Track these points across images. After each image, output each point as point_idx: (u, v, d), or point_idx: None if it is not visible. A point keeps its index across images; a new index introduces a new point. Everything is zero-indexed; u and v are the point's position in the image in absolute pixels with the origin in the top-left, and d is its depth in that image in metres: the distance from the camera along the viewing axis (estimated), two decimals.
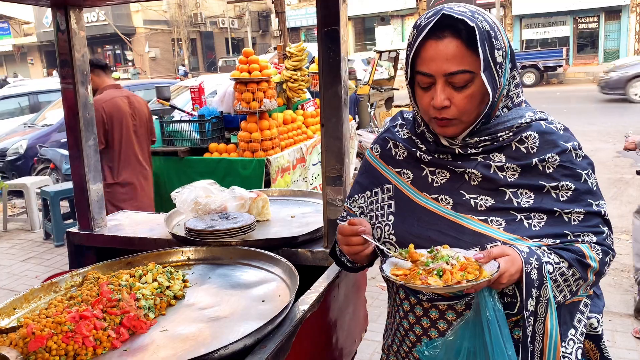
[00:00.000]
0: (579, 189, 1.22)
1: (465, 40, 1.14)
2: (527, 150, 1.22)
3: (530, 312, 1.16)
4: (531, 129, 1.23)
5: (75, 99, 2.08)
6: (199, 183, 2.13)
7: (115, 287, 1.50)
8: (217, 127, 5.04)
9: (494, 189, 1.22)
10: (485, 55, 1.14)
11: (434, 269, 1.11)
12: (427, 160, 1.29)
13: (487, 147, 1.23)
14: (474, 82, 1.16)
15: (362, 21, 30.87)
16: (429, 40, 1.16)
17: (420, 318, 1.28)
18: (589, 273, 1.21)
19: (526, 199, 1.20)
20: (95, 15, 30.47)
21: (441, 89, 1.16)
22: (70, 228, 2.25)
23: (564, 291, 1.20)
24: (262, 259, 1.72)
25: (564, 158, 1.22)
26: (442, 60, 1.14)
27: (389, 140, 1.38)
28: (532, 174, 1.21)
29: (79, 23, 2.05)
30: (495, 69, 1.16)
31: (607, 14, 25.06)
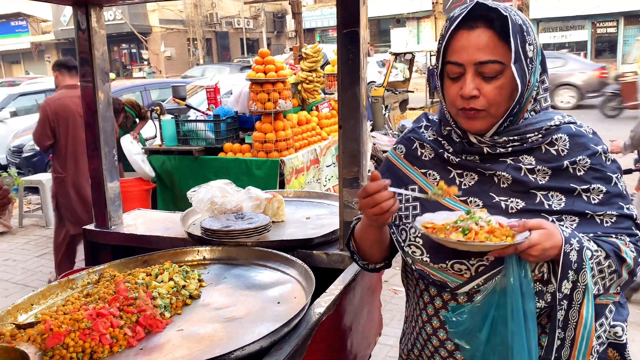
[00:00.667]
0: (610, 191, 1.21)
1: (498, 31, 1.15)
2: (557, 153, 1.22)
3: (564, 295, 1.14)
4: (561, 132, 1.23)
5: (95, 97, 2.09)
6: (215, 183, 2.13)
7: (131, 285, 1.51)
8: (232, 127, 5.05)
9: (524, 192, 1.21)
10: (517, 46, 1.14)
11: (460, 227, 1.11)
12: (455, 162, 1.27)
13: (516, 148, 1.22)
14: (503, 74, 1.16)
15: (377, 23, 30.79)
16: (460, 30, 1.17)
17: (444, 323, 1.26)
18: (624, 269, 1.19)
19: (557, 202, 1.20)
20: (112, 14, 30.71)
21: (471, 78, 1.16)
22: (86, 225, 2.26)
23: (598, 284, 1.18)
24: (277, 260, 1.71)
25: (595, 161, 1.21)
26: (474, 50, 1.15)
27: (415, 141, 1.37)
28: (562, 176, 1.21)
29: (99, 22, 2.06)
30: (526, 63, 1.16)
31: (627, 18, 24.75)
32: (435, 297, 1.28)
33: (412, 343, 1.37)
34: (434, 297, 1.28)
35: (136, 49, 34.08)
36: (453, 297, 1.24)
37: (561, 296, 1.14)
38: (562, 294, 1.14)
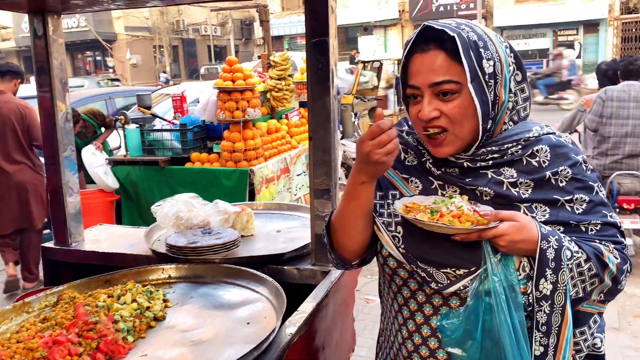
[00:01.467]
0: (593, 200, 1.21)
1: (450, 51, 1.14)
2: (538, 164, 1.21)
3: (543, 296, 1.13)
4: (541, 143, 1.22)
5: (53, 109, 2.00)
6: (181, 196, 2.05)
7: (92, 308, 1.42)
8: (200, 136, 4.95)
9: (507, 205, 1.20)
10: (472, 65, 1.13)
11: (429, 207, 1.14)
12: (437, 174, 1.26)
13: (496, 161, 1.21)
14: (461, 93, 1.15)
15: (345, 31, 30.99)
16: (415, 55, 1.18)
17: (436, 331, 1.22)
18: (606, 275, 1.18)
19: (541, 213, 1.19)
20: (76, 21, 30.10)
21: (428, 100, 1.16)
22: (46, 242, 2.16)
23: (577, 286, 1.17)
24: (246, 278, 1.65)
25: (576, 171, 1.22)
26: (427, 72, 1.15)
27: (399, 144, 1.31)
28: (545, 188, 1.20)
29: (57, 30, 1.97)
30: (485, 80, 1.15)
31: (586, 27, 25.55)
32: (424, 304, 1.23)
33: (392, 357, 1.32)
34: (423, 304, 1.23)
35: (101, 57, 33.47)
36: (445, 302, 1.20)
37: (539, 295, 1.13)
38: (540, 293, 1.13)
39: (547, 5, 25.32)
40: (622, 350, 3.55)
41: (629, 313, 4.04)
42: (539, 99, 14.87)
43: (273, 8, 30.69)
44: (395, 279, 1.27)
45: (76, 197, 2.10)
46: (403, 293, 1.27)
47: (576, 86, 15.04)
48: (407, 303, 1.26)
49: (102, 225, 2.34)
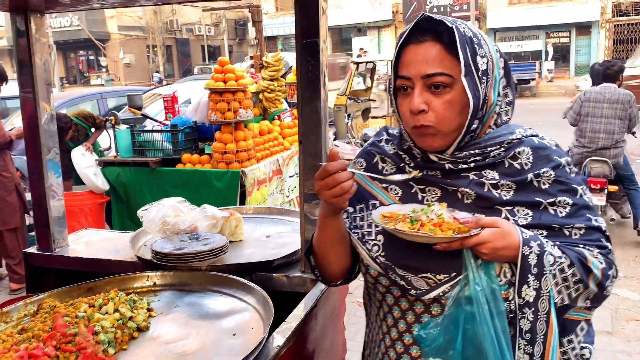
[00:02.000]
0: (577, 203, 1.19)
1: (446, 43, 1.13)
2: (520, 167, 1.20)
3: (526, 302, 1.11)
4: (523, 145, 1.21)
5: (36, 111, 1.94)
6: (168, 201, 2.00)
7: (71, 319, 1.37)
8: (191, 137, 4.90)
9: (488, 207, 1.18)
10: (467, 58, 1.12)
11: (409, 217, 1.12)
12: (419, 177, 1.24)
13: (478, 163, 1.20)
14: (453, 87, 1.14)
15: (339, 32, 30.98)
16: (409, 45, 1.16)
17: (403, 334, 1.22)
18: (591, 280, 1.15)
19: (524, 217, 1.17)
20: (69, 20, 29.90)
21: (419, 92, 1.14)
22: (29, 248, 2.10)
23: (562, 293, 1.14)
24: (233, 286, 1.60)
25: (559, 173, 1.20)
26: (421, 62, 1.13)
27: (375, 154, 1.33)
28: (527, 190, 1.18)
29: (40, 29, 1.91)
30: (478, 75, 1.14)
31: (578, 29, 25.67)
32: (406, 312, 1.21)
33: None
34: (405, 311, 1.21)
35: (94, 56, 33.26)
36: (426, 310, 1.18)
37: (522, 302, 1.11)
38: (522, 299, 1.11)
39: (539, 7, 25.41)
40: (615, 354, 3.52)
41: (622, 317, 4.02)
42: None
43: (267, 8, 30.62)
44: (379, 287, 1.26)
45: (60, 201, 2.04)
46: (387, 301, 1.26)
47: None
48: (391, 310, 1.25)
49: (87, 230, 2.28)
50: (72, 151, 5.11)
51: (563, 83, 22.74)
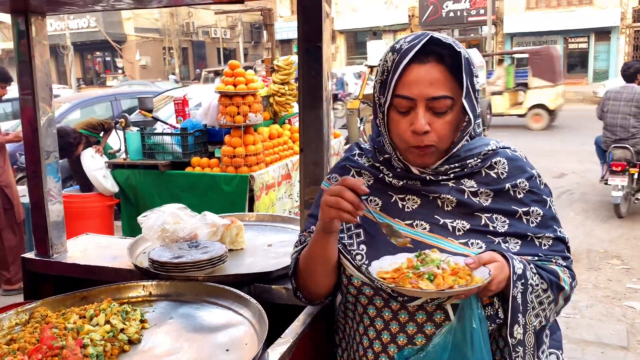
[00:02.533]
0: (546, 214, 1.26)
1: (449, 66, 1.16)
2: (497, 176, 1.26)
3: (518, 341, 1.13)
4: (499, 156, 1.28)
5: (35, 113, 1.91)
6: (168, 207, 1.95)
7: (60, 331, 1.32)
8: (201, 140, 4.88)
9: (469, 214, 1.23)
10: (467, 81, 1.16)
11: (424, 273, 1.09)
12: (399, 186, 1.27)
13: (457, 174, 1.25)
14: (453, 109, 1.18)
15: (354, 35, 30.94)
16: (412, 64, 1.15)
17: (387, 345, 1.23)
18: (561, 297, 1.22)
19: (501, 224, 1.23)
20: (87, 22, 30.27)
21: (422, 113, 1.16)
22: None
23: (539, 316, 1.19)
24: (229, 298, 1.55)
25: (532, 184, 1.26)
26: (426, 85, 1.15)
27: (351, 168, 1.34)
28: (504, 199, 1.24)
29: (41, 31, 1.88)
30: (474, 96, 1.19)
31: (597, 34, 25.33)
32: (390, 322, 1.22)
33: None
34: (389, 321, 1.22)
35: (110, 57, 33.61)
36: (411, 318, 1.20)
37: (514, 342, 1.13)
38: (515, 339, 1.13)
39: (557, 12, 25.14)
40: None
41: (638, 331, 3.90)
42: None
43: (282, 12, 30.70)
44: (360, 299, 1.26)
45: (59, 206, 2.01)
46: (369, 313, 1.26)
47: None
48: (373, 323, 1.25)
49: (87, 235, 2.25)
50: (81, 153, 5.11)
51: (581, 89, 22.42)
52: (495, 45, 26.04)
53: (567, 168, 9.52)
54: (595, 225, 6.39)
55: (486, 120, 11.87)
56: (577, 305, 4.37)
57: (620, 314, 4.19)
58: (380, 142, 1.29)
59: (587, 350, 3.65)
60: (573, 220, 6.47)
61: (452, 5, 26.82)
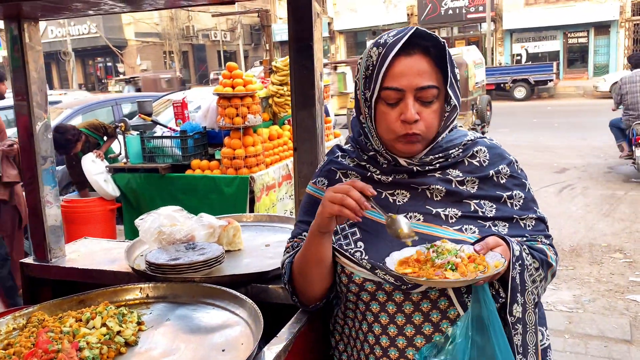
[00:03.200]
0: (527, 197, 1.32)
1: (433, 58, 1.21)
2: (479, 164, 1.32)
3: (517, 319, 1.18)
4: (479, 145, 1.34)
5: (30, 119, 1.91)
6: (164, 210, 1.96)
7: (55, 334, 1.33)
8: (200, 143, 4.89)
9: (458, 201, 1.28)
10: (452, 69, 1.22)
11: (444, 264, 1.11)
12: (386, 182, 1.30)
13: (442, 164, 1.29)
14: (438, 98, 1.23)
15: (354, 35, 30.94)
16: (399, 57, 1.19)
17: (395, 338, 1.24)
18: (549, 272, 1.27)
19: (489, 209, 1.28)
20: (87, 28, 30.35)
21: (412, 103, 1.20)
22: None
23: (533, 294, 1.22)
24: (226, 298, 1.55)
25: (512, 169, 1.33)
26: (414, 75, 1.19)
27: (337, 170, 1.36)
28: (488, 185, 1.30)
29: (34, 37, 1.89)
30: (457, 86, 1.25)
31: (597, 29, 25.25)
32: (396, 315, 1.23)
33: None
34: (394, 314, 1.23)
35: (112, 62, 33.67)
36: (416, 308, 1.21)
37: (513, 320, 1.18)
38: (514, 317, 1.17)
39: (556, 7, 25.07)
40: None
41: None
42: None
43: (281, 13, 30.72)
44: (363, 296, 1.27)
45: (56, 211, 2.02)
46: (372, 309, 1.26)
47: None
48: (378, 319, 1.26)
49: (86, 239, 2.26)
50: (82, 158, 5.13)
51: (581, 84, 22.37)
52: (495, 42, 26.01)
53: (569, 163, 9.50)
54: (597, 219, 6.37)
55: (486, 117, 11.86)
56: (579, 299, 4.36)
57: (623, 308, 4.17)
58: (362, 142, 1.32)
59: (590, 345, 3.64)
60: (575, 215, 6.45)
61: (451, 2, 26.79)
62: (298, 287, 1.36)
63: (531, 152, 10.25)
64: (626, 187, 7.79)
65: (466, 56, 11.78)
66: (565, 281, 4.72)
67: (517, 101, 20.26)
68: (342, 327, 1.40)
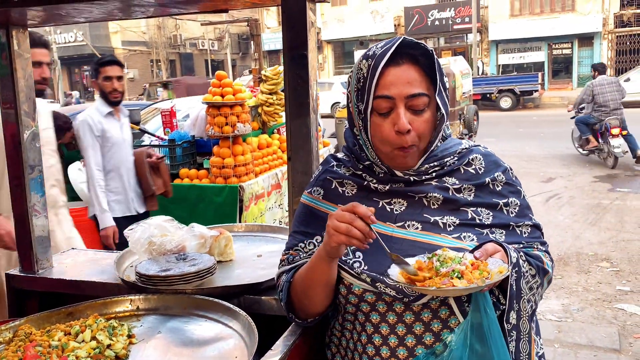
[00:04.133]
0: (522, 204, 1.33)
1: (422, 66, 1.22)
2: (475, 171, 1.32)
3: (513, 326, 1.18)
4: (474, 153, 1.34)
5: (18, 127, 1.88)
6: (154, 220, 1.93)
7: (44, 349, 1.29)
8: (189, 152, 4.86)
9: (455, 209, 1.28)
10: (440, 78, 1.22)
11: (449, 272, 1.10)
12: (383, 191, 1.30)
13: (438, 173, 1.29)
14: (429, 106, 1.23)
15: (341, 45, 31.10)
16: (388, 67, 1.20)
17: (396, 349, 1.23)
18: (546, 279, 1.28)
19: (486, 216, 1.28)
20: (73, 36, 30.18)
21: (403, 112, 1.20)
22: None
23: (530, 301, 1.23)
24: (218, 310, 1.52)
25: (507, 176, 1.34)
26: (403, 84, 1.19)
27: (332, 180, 1.35)
28: (484, 192, 1.30)
29: (23, 44, 1.86)
30: (445, 94, 1.25)
31: (580, 40, 25.66)
32: (396, 325, 1.22)
33: None
34: (395, 325, 1.22)
35: None
36: (417, 318, 1.20)
37: (509, 327, 1.17)
38: (510, 325, 1.17)
39: (541, 19, 25.45)
40: None
41: (630, 334, 3.91)
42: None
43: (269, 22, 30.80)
44: (362, 306, 1.25)
45: (44, 220, 1.98)
46: (372, 320, 1.25)
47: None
48: (378, 329, 1.24)
49: (74, 250, 2.21)
50: (69, 166, 5.05)
51: (566, 94, 22.66)
52: (481, 52, 26.29)
53: (555, 172, 9.59)
54: (584, 228, 6.42)
55: (473, 127, 11.97)
56: (568, 308, 4.37)
57: (611, 317, 4.20)
58: (357, 152, 1.32)
59: (580, 354, 3.65)
60: (562, 224, 6.50)
61: (437, 14, 27.06)
62: (297, 305, 1.33)
63: (517, 162, 10.33)
64: (611, 196, 7.87)
65: (453, 66, 11.88)
66: (554, 290, 4.73)
67: (503, 111, 20.45)
68: (339, 339, 1.38)
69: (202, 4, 1.74)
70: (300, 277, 1.29)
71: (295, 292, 1.32)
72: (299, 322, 1.38)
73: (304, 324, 1.38)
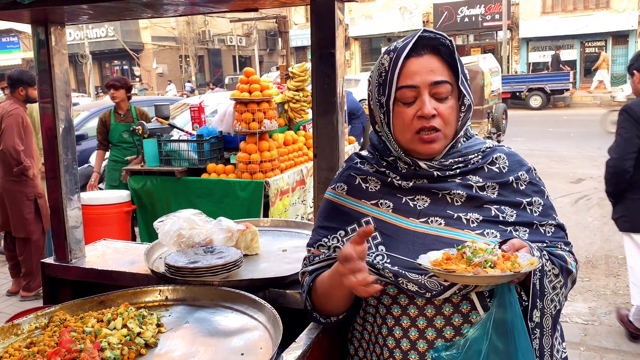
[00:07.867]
0: (546, 204, 1.34)
1: (444, 56, 1.25)
2: (499, 170, 1.33)
3: (536, 324, 1.19)
4: (498, 152, 1.36)
5: (54, 121, 1.95)
6: (183, 213, 1.98)
7: (78, 334, 1.35)
8: (216, 147, 4.92)
9: (479, 206, 1.28)
10: (461, 68, 1.25)
11: (482, 262, 1.10)
12: (407, 187, 1.31)
13: (462, 169, 1.31)
14: (452, 94, 1.26)
15: (368, 41, 30.97)
16: (410, 59, 1.23)
17: (416, 342, 1.24)
18: (569, 279, 1.27)
19: (510, 214, 1.28)
20: (105, 31, 30.74)
21: (428, 98, 1.22)
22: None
23: (554, 301, 1.23)
24: (244, 302, 1.56)
25: (531, 176, 1.35)
26: (427, 72, 1.23)
27: (356, 176, 1.37)
28: (508, 190, 1.31)
29: (60, 41, 1.93)
30: (467, 84, 1.28)
31: (615, 38, 25.02)
32: (417, 318, 1.23)
33: None
34: (416, 317, 1.23)
35: (128, 66, 34.04)
36: (438, 312, 1.22)
37: (533, 325, 1.18)
38: (533, 323, 1.18)
39: (574, 16, 24.90)
40: None
41: None
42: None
43: (297, 19, 30.87)
44: (384, 300, 1.27)
45: (77, 212, 2.05)
46: (393, 313, 1.27)
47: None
48: (399, 322, 1.26)
49: (105, 240, 2.28)
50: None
51: (598, 94, 22.15)
52: (511, 50, 25.89)
53: (584, 173, 9.41)
54: (613, 230, 6.28)
55: (502, 126, 11.80)
56: (595, 311, 4.30)
57: None
58: (381, 147, 1.35)
59: (606, 358, 3.59)
60: (591, 226, 6.38)
61: (467, 10, 26.71)
62: (319, 307, 1.36)
63: (546, 162, 10.16)
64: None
65: (482, 64, 11.73)
66: (580, 293, 4.66)
67: (533, 110, 20.11)
68: (360, 333, 1.40)
69: (232, 3, 1.78)
70: (322, 285, 1.32)
71: (317, 296, 1.35)
72: (321, 322, 1.39)
73: (326, 324, 1.40)
